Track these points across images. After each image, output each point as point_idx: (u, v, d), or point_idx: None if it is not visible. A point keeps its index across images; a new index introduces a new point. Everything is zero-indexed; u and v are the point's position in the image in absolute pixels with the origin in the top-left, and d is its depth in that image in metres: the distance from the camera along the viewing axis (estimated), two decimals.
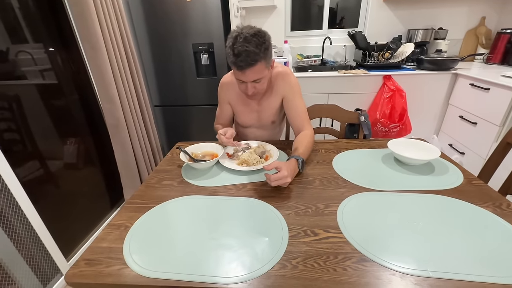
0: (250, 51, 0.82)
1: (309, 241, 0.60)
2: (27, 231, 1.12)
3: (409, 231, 0.61)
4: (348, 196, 0.75)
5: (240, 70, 0.88)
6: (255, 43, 0.83)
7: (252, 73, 0.88)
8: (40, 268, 1.17)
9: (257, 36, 0.84)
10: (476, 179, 0.80)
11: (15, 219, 1.07)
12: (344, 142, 1.10)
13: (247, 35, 0.83)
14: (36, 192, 1.19)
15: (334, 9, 2.43)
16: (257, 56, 0.84)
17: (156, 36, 1.86)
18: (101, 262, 0.57)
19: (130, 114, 1.61)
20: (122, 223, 0.69)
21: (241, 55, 0.83)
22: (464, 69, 1.88)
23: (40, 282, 1.17)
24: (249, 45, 0.82)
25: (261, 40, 0.84)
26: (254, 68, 0.86)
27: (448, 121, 1.96)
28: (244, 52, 0.82)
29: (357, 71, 1.96)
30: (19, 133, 1.21)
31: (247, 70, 0.87)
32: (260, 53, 0.84)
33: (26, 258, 1.11)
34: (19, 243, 1.08)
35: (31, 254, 1.13)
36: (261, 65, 0.87)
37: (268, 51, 0.88)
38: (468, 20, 2.17)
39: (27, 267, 1.12)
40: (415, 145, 0.96)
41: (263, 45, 0.84)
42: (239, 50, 0.82)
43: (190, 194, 0.80)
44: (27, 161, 1.24)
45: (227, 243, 0.60)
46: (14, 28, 1.20)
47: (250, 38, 0.82)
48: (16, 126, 1.19)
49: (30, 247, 1.13)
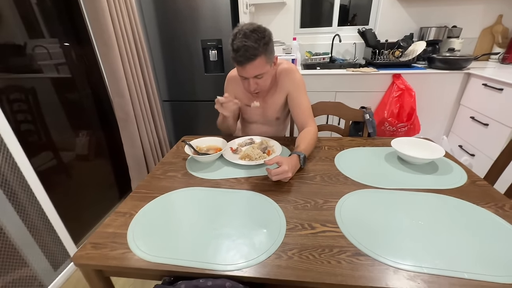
0: (249, 46, 0.84)
1: (305, 234, 0.61)
2: (41, 218, 1.17)
3: (407, 228, 0.62)
4: (347, 192, 0.76)
5: (240, 65, 0.90)
6: (254, 38, 0.84)
7: (252, 68, 0.89)
8: (52, 253, 1.23)
9: (256, 32, 0.85)
10: (480, 180, 0.79)
11: (30, 206, 1.13)
12: (348, 140, 1.10)
13: (246, 31, 0.85)
14: (49, 181, 1.24)
15: (347, 6, 2.40)
16: (256, 50, 0.85)
17: (166, 32, 1.89)
18: (106, 246, 0.60)
19: (139, 108, 1.65)
20: (127, 211, 0.72)
21: (240, 50, 0.85)
22: (478, 68, 1.83)
23: (51, 266, 1.23)
24: (247, 40, 0.84)
25: (260, 36, 0.85)
26: (254, 63, 0.88)
27: (459, 122, 1.92)
28: (243, 47, 0.84)
29: (366, 69, 1.94)
30: (35, 125, 1.27)
31: (247, 65, 0.88)
32: (259, 47, 0.86)
33: (39, 243, 1.17)
34: (32, 228, 1.14)
35: (44, 239, 1.19)
36: (261, 60, 0.89)
37: (268, 46, 0.89)
38: (484, 18, 2.11)
39: (40, 251, 1.18)
40: (420, 144, 0.95)
41: (262, 40, 0.86)
42: (238, 45, 0.85)
43: (193, 185, 0.82)
44: (42, 151, 1.30)
45: (226, 232, 0.62)
46: (31, 23, 1.25)
47: (249, 34, 0.84)
48: (32, 118, 1.25)
49: (43, 232, 1.19)
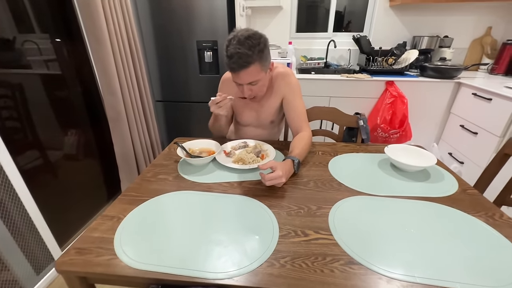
0: (242, 53, 0.82)
1: (298, 241, 0.60)
2: (23, 219, 1.13)
3: (399, 237, 0.61)
4: (341, 199, 0.75)
5: (233, 72, 0.89)
6: (248, 45, 0.83)
7: (246, 75, 0.88)
8: (34, 256, 1.18)
9: (250, 39, 0.84)
10: (470, 188, 0.80)
11: (13, 206, 1.08)
12: (342, 146, 1.10)
13: (241, 37, 0.83)
14: (35, 181, 1.20)
15: (342, 12, 2.43)
16: (249, 58, 0.84)
17: (161, 31, 1.87)
18: (91, 251, 0.58)
19: (131, 108, 1.62)
20: (115, 215, 0.69)
21: (233, 57, 0.83)
22: (468, 78, 1.87)
23: (33, 270, 1.18)
24: (241, 47, 0.82)
25: (254, 43, 0.84)
26: (248, 70, 0.86)
27: (449, 129, 1.96)
28: (236, 54, 0.83)
29: (360, 76, 1.96)
30: (20, 122, 1.22)
31: (241, 72, 0.87)
32: (253, 55, 0.84)
33: (21, 245, 1.12)
34: (14, 230, 1.09)
35: (26, 242, 1.14)
36: (255, 68, 0.87)
37: (263, 53, 0.87)
38: (475, 30, 2.17)
39: (22, 254, 1.13)
40: (413, 151, 0.96)
41: (256, 47, 0.84)
42: (231, 52, 0.83)
43: (184, 189, 0.80)
44: (27, 150, 1.25)
45: (217, 239, 0.60)
46: (20, 17, 1.21)
47: (244, 41, 0.83)
48: (18, 115, 1.21)
49: (26, 234, 1.14)
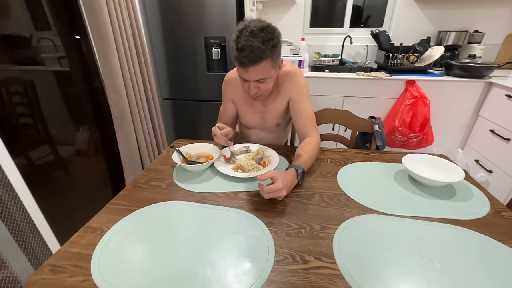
0: (255, 46, 0.74)
1: (296, 269, 0.52)
2: (24, 219, 1.12)
3: (416, 268, 0.52)
4: (349, 217, 0.66)
5: (242, 67, 0.80)
6: (262, 39, 0.74)
7: (256, 71, 0.80)
8: (36, 255, 1.18)
9: (265, 31, 0.75)
10: (506, 210, 0.68)
11: (13, 206, 1.07)
12: (354, 153, 0.99)
13: (254, 29, 0.74)
14: (37, 179, 1.19)
15: (361, 7, 2.28)
16: (262, 53, 0.75)
17: (169, 28, 1.82)
18: (66, 270, 0.53)
19: (136, 107, 1.58)
20: (99, 226, 0.64)
21: (244, 50, 0.75)
22: (501, 77, 1.69)
23: (34, 269, 1.17)
24: (254, 40, 0.74)
25: (269, 36, 0.75)
26: (258, 66, 0.78)
27: (477, 134, 1.78)
28: (248, 47, 0.74)
29: (378, 74, 1.82)
30: (24, 120, 1.21)
31: (250, 68, 0.79)
32: (267, 50, 0.76)
33: (20, 243, 1.11)
34: (14, 228, 1.08)
35: (27, 241, 1.14)
36: (267, 64, 0.79)
37: (276, 49, 0.79)
38: (510, 23, 1.95)
39: (21, 252, 1.12)
40: (435, 162, 0.84)
41: (270, 41, 0.76)
42: (243, 44, 0.74)
43: (176, 199, 0.74)
44: (30, 148, 1.24)
45: (204, 260, 0.54)
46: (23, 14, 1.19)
47: (257, 33, 0.74)
48: (20, 113, 1.20)
49: (27, 234, 1.13)
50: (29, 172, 1.13)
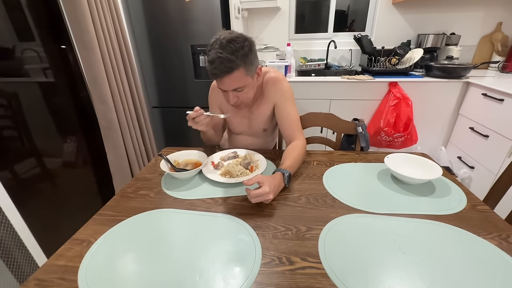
0: (224, 57, 0.76)
1: (282, 270, 0.54)
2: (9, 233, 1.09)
3: (400, 264, 0.54)
4: (334, 217, 0.68)
5: (215, 79, 0.83)
6: (231, 49, 0.76)
7: (230, 81, 0.82)
8: (22, 270, 1.14)
9: (233, 42, 0.77)
10: (481, 204, 0.72)
11: None
12: (339, 154, 1.02)
13: (223, 41, 0.76)
14: (22, 194, 1.16)
15: (345, 11, 2.35)
16: (232, 63, 0.77)
17: (155, 36, 1.83)
18: (52, 283, 0.52)
19: (124, 116, 1.57)
20: (85, 238, 0.64)
21: (214, 62, 0.77)
22: (477, 77, 1.77)
23: (19, 284, 1.14)
24: (223, 51, 0.76)
25: (237, 46, 0.77)
26: (231, 76, 0.80)
27: (458, 132, 1.85)
28: (217, 59, 0.76)
29: (362, 77, 1.87)
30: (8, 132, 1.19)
31: (224, 78, 0.81)
32: (237, 60, 0.77)
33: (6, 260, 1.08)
34: None
35: (13, 256, 1.11)
36: (239, 73, 0.81)
37: (248, 58, 0.81)
38: (484, 26, 2.05)
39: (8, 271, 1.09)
40: (416, 161, 0.88)
41: (240, 51, 0.77)
42: (212, 57, 0.76)
43: (164, 207, 0.74)
44: (15, 162, 1.22)
45: (192, 266, 0.54)
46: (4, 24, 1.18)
47: (226, 44, 0.76)
48: (4, 126, 1.18)
49: (12, 249, 1.10)
50: (14, 186, 1.11)
